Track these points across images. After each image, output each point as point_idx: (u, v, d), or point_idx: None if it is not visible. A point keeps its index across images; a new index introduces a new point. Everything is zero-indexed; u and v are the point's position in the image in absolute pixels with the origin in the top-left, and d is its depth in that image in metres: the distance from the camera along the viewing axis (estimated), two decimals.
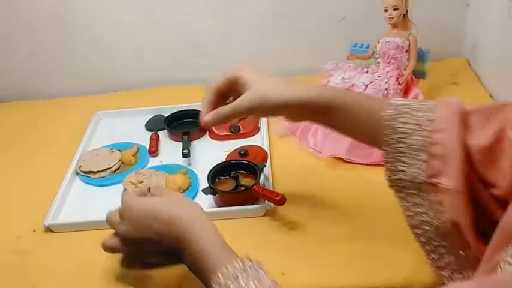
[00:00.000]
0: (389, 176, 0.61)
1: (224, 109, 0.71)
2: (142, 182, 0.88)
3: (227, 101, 0.74)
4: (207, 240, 0.61)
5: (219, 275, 0.56)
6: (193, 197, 0.87)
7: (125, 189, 0.88)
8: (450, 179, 0.55)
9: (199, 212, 0.65)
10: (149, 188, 0.86)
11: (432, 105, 0.58)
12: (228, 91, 0.72)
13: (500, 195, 0.55)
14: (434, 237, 0.59)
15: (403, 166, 0.59)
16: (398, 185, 0.61)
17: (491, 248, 0.43)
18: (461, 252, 0.58)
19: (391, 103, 0.60)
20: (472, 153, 0.56)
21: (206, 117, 0.72)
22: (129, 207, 0.67)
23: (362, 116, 0.63)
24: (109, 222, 0.71)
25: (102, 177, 0.94)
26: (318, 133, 0.97)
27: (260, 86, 0.67)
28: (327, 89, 0.66)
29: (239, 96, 0.69)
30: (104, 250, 0.70)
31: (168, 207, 0.65)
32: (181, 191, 0.87)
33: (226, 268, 0.57)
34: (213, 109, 0.72)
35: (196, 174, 0.91)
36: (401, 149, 0.59)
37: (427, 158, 0.57)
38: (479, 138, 0.56)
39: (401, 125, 0.59)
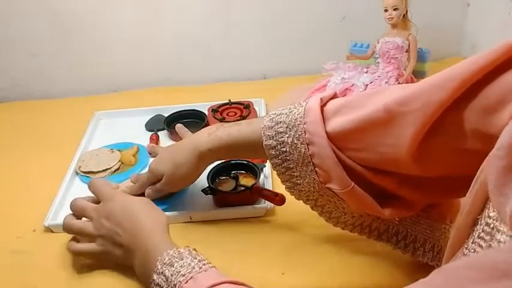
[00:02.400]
0: (291, 192, 0.67)
1: (156, 188, 0.81)
2: None
3: None
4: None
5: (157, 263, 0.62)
6: (188, 201, 0.86)
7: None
8: (336, 183, 0.60)
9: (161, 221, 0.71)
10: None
11: (300, 116, 0.62)
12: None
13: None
14: (356, 221, 0.67)
15: (298, 180, 0.64)
16: (301, 196, 0.67)
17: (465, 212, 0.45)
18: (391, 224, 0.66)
19: (267, 127, 0.64)
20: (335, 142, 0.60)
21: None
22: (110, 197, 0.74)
23: (252, 144, 0.67)
24: (78, 207, 0.76)
25: (102, 177, 0.94)
26: None
27: (171, 172, 0.77)
28: (212, 139, 0.72)
29: None
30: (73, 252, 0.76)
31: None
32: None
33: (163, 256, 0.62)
34: None
35: None
36: (289, 165, 0.64)
37: (312, 168, 0.62)
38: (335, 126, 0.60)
39: (280, 146, 0.63)
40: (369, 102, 0.58)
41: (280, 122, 0.64)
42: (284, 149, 0.63)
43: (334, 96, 0.64)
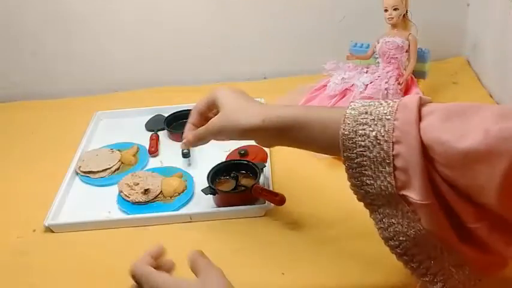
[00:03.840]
0: (356, 191, 0.59)
1: (199, 130, 0.73)
2: (138, 184, 0.88)
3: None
4: None
5: None
6: (189, 200, 0.87)
7: (120, 192, 0.88)
8: (416, 193, 0.53)
9: None
10: (145, 190, 0.86)
11: (391, 111, 0.55)
12: (208, 112, 0.74)
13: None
14: (412, 247, 0.58)
15: (369, 180, 0.57)
16: (367, 198, 0.59)
17: None
18: (440, 255, 0.57)
19: (349, 115, 0.57)
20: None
21: (185, 138, 0.75)
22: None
23: (327, 130, 0.60)
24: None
25: (102, 177, 0.94)
26: None
27: (229, 110, 0.68)
28: (288, 109, 0.64)
29: None
30: None
31: None
32: (177, 194, 0.87)
33: None
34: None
35: (192, 177, 0.91)
36: (363, 162, 0.56)
37: (391, 170, 0.54)
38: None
39: (360, 138, 0.56)
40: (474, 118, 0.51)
41: (366, 112, 0.56)
42: (363, 143, 0.55)
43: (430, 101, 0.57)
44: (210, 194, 0.84)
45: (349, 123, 0.56)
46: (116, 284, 0.73)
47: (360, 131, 0.56)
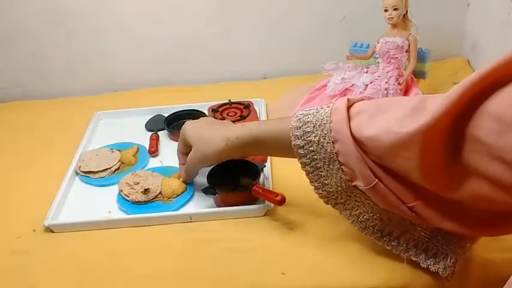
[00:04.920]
0: (320, 193, 0.68)
1: (184, 170, 0.85)
2: (138, 183, 0.88)
3: None
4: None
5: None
6: (188, 200, 0.87)
7: (120, 191, 0.88)
8: (361, 181, 0.62)
9: None
10: (145, 190, 0.86)
11: (326, 116, 0.64)
12: (189, 150, 0.82)
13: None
14: (384, 227, 0.67)
15: (326, 180, 0.66)
16: (331, 199, 0.68)
17: None
18: (412, 228, 0.66)
19: (294, 127, 0.66)
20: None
21: (181, 178, 0.87)
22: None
23: (281, 141, 0.69)
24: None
25: (102, 177, 0.94)
26: None
27: (196, 144, 0.80)
28: (245, 128, 0.75)
29: None
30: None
31: None
32: (175, 195, 0.87)
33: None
34: None
35: None
36: (317, 165, 0.66)
37: (339, 166, 0.64)
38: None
39: (308, 145, 0.65)
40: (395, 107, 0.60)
41: (308, 121, 0.66)
42: (311, 148, 0.65)
43: (362, 99, 0.66)
44: (210, 194, 0.84)
45: (297, 135, 0.66)
46: (116, 283, 0.73)
47: (307, 139, 0.65)
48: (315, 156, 0.65)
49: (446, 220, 0.61)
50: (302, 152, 0.66)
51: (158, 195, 0.87)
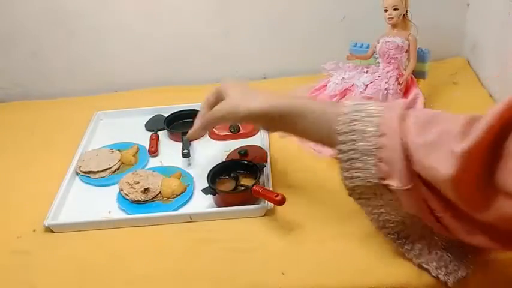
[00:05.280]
0: (347, 185, 0.66)
1: (205, 117, 0.80)
2: (138, 182, 0.88)
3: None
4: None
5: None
6: (188, 200, 0.87)
7: (120, 190, 0.88)
8: (398, 180, 0.60)
9: None
10: (145, 189, 0.86)
11: (379, 111, 0.62)
12: (217, 103, 0.78)
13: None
14: (402, 230, 0.67)
15: (357, 172, 0.63)
16: (355, 192, 0.66)
17: None
18: (430, 235, 0.65)
19: (343, 112, 0.64)
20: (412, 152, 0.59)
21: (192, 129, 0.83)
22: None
23: (322, 123, 0.67)
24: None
25: (102, 177, 0.94)
26: None
27: (232, 98, 0.76)
28: (291, 98, 0.72)
29: None
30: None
31: None
32: (175, 195, 0.87)
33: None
34: None
35: (193, 177, 0.91)
36: (353, 155, 0.63)
37: (375, 161, 0.61)
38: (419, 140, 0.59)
39: (351, 133, 0.63)
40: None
41: (357, 110, 0.63)
42: (353, 137, 0.62)
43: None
44: (210, 194, 0.84)
45: (342, 120, 0.63)
46: (116, 283, 0.73)
47: (351, 127, 0.63)
48: (354, 146, 0.62)
49: (475, 234, 0.60)
50: (342, 139, 0.63)
51: (158, 195, 0.87)
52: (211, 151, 0.99)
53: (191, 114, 1.07)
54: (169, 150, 1.01)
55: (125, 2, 1.17)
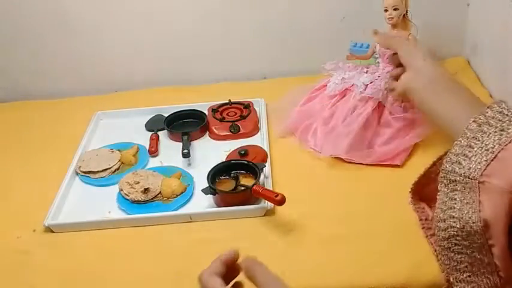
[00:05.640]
0: (445, 166, 0.60)
1: (394, 39, 0.81)
2: (138, 182, 0.88)
3: None
4: None
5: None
6: (188, 200, 0.87)
7: (120, 190, 0.88)
8: (501, 181, 0.55)
9: None
10: (145, 189, 0.86)
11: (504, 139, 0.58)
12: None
13: None
14: (455, 235, 0.59)
15: (465, 160, 0.58)
16: (447, 177, 0.60)
17: None
18: (478, 255, 0.58)
19: (490, 107, 0.60)
20: None
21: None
22: None
23: (464, 101, 0.68)
24: None
25: (102, 177, 0.94)
26: (317, 133, 0.97)
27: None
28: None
29: None
30: None
31: None
32: (174, 195, 0.87)
33: None
34: None
35: (192, 177, 0.91)
36: (474, 145, 0.59)
37: (492, 158, 0.56)
38: None
39: (486, 126, 0.59)
40: None
41: (504, 115, 0.59)
42: (479, 136, 0.59)
43: None
44: (210, 194, 0.84)
45: (487, 112, 0.59)
46: (116, 283, 0.73)
47: (492, 122, 0.59)
48: (482, 137, 0.59)
49: None
50: (466, 133, 0.60)
51: (158, 195, 0.87)
52: (211, 151, 0.99)
53: (191, 114, 1.08)
54: (169, 150, 1.01)
55: (125, 2, 1.17)
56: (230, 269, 0.59)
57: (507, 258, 0.56)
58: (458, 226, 0.58)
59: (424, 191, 0.70)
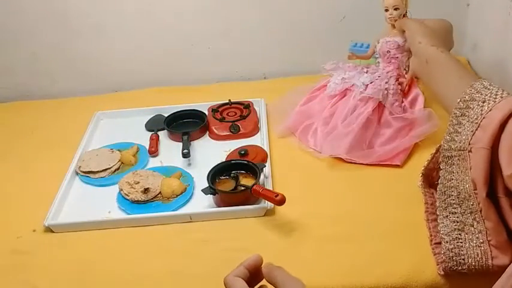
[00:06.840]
0: (443, 146, 0.69)
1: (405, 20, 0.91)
2: (138, 182, 0.88)
3: None
4: None
5: None
6: (188, 200, 0.87)
7: (120, 190, 0.88)
8: (483, 143, 0.64)
9: None
10: (145, 189, 0.86)
11: (501, 95, 0.67)
12: None
13: None
14: (453, 202, 0.68)
15: (457, 136, 0.67)
16: (445, 155, 0.69)
17: None
18: (471, 219, 0.66)
19: (472, 86, 0.69)
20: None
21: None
22: None
23: (455, 77, 0.74)
24: None
25: (102, 177, 0.94)
26: (317, 133, 0.97)
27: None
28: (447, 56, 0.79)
29: None
30: None
31: None
32: (175, 195, 0.87)
33: None
34: None
35: (193, 177, 0.91)
36: (463, 121, 0.67)
37: (476, 128, 0.65)
38: None
39: (471, 102, 0.67)
40: None
41: (487, 88, 0.68)
42: (471, 105, 0.67)
43: None
44: (210, 194, 0.84)
45: (470, 90, 0.68)
46: (116, 283, 0.73)
47: (476, 97, 0.68)
48: (467, 112, 0.67)
49: None
50: (461, 103, 0.68)
51: (158, 195, 0.87)
52: (211, 151, 0.99)
53: (191, 114, 1.08)
54: (169, 150, 1.01)
55: (125, 2, 1.17)
56: (253, 274, 0.59)
57: (497, 226, 0.65)
58: (455, 194, 0.68)
59: (434, 178, 0.77)
